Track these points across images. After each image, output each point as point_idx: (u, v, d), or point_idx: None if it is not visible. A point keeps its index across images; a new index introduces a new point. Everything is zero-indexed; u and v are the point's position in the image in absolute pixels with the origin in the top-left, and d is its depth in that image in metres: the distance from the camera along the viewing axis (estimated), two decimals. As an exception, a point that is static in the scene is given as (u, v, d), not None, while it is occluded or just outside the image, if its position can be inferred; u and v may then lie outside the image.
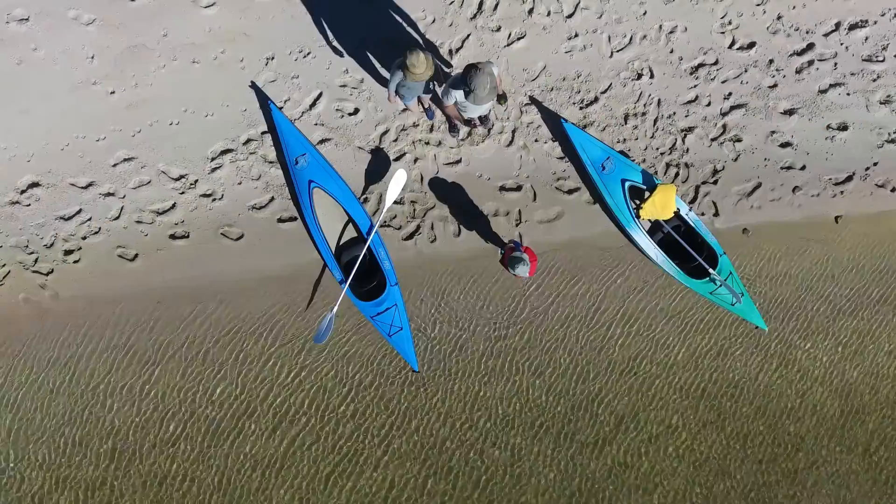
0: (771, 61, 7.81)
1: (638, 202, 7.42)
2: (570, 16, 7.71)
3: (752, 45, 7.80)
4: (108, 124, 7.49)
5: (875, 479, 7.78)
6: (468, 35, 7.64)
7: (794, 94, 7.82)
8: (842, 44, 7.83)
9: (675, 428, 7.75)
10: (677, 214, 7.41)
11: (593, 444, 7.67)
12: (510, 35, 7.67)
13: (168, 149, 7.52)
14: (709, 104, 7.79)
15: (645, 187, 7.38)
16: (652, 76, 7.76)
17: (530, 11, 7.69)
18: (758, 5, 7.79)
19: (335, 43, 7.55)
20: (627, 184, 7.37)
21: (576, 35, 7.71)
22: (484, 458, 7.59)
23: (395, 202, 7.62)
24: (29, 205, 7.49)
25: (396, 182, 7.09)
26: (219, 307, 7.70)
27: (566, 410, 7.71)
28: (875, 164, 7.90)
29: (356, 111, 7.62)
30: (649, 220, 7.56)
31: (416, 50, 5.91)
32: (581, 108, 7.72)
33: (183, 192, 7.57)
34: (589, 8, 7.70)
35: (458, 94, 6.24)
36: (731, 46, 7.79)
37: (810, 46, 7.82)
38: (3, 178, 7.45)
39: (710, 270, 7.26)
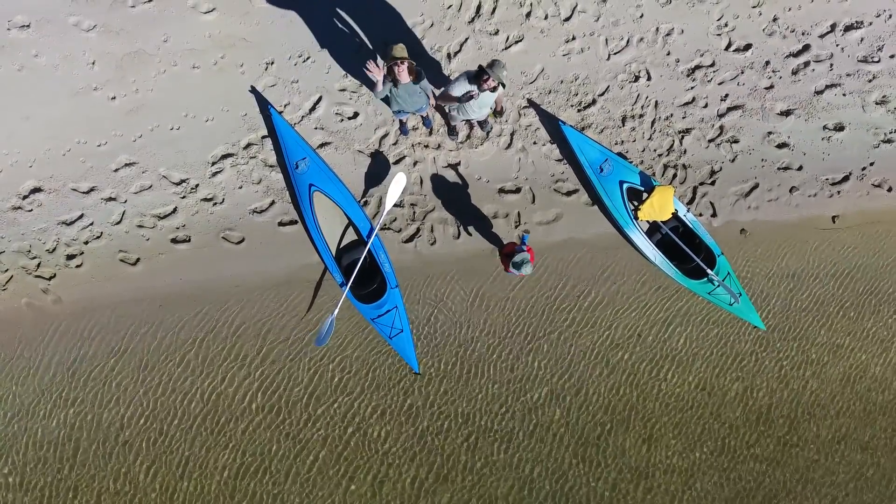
0: (767, 63, 7.86)
1: (636, 203, 7.47)
2: (567, 19, 7.76)
3: (748, 46, 7.85)
4: (110, 129, 7.53)
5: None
6: (466, 39, 7.68)
7: (791, 95, 7.87)
8: (837, 45, 7.88)
9: (665, 433, 7.82)
10: (675, 215, 7.46)
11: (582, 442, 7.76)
12: (508, 38, 7.72)
13: (169, 153, 7.56)
14: (706, 106, 7.84)
15: (643, 189, 7.42)
16: (649, 78, 7.81)
17: (528, 15, 7.74)
18: (753, 7, 7.84)
19: (334, 48, 7.61)
20: (625, 185, 7.41)
21: (573, 38, 7.76)
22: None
23: (395, 205, 7.67)
24: (31, 210, 7.53)
25: (396, 185, 7.13)
26: (220, 310, 7.74)
27: (554, 413, 7.78)
28: (871, 164, 7.95)
29: (356, 115, 7.66)
30: (647, 222, 7.61)
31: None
32: (579, 111, 7.77)
33: (184, 197, 7.61)
34: (586, 11, 7.76)
35: (462, 87, 6.23)
36: (727, 48, 7.84)
37: (806, 48, 7.87)
38: (5, 184, 7.49)
39: (708, 271, 7.31)
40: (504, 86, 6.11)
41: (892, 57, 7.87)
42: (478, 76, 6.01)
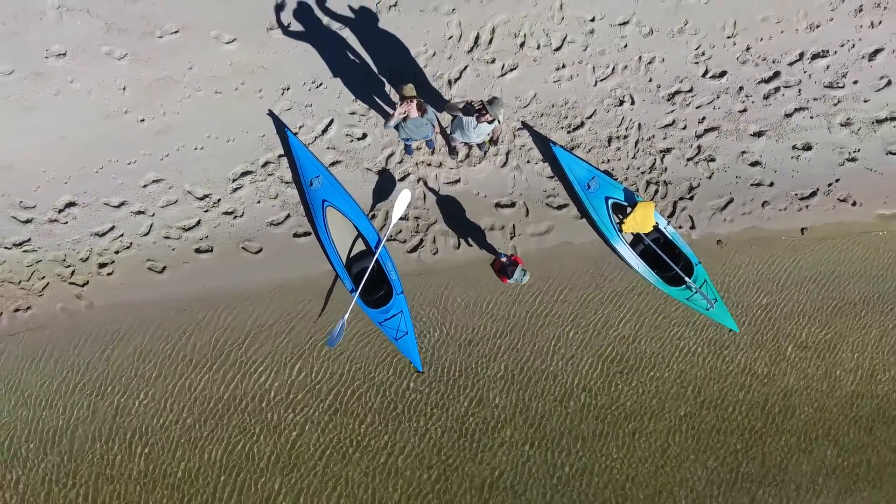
0: (741, 88, 8.49)
1: (620, 217, 8.06)
2: (557, 49, 8.40)
3: (723, 73, 8.48)
4: (139, 149, 8.11)
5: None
6: (465, 67, 8.31)
7: (763, 117, 8.50)
8: (805, 72, 8.52)
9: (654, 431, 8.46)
10: (656, 228, 8.06)
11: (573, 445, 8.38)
12: (504, 66, 8.35)
13: (193, 171, 8.15)
14: (685, 127, 8.47)
15: (627, 204, 8.04)
16: (633, 103, 8.43)
17: (522, 45, 8.37)
18: (728, 38, 8.48)
19: (345, 75, 8.23)
20: (611, 201, 8.03)
21: (563, 66, 8.39)
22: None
23: (401, 218, 8.30)
24: (66, 222, 8.11)
25: (402, 200, 7.72)
26: (239, 315, 8.32)
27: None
28: (837, 180, 8.58)
29: (364, 136, 8.28)
30: (631, 234, 8.21)
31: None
32: (568, 132, 8.40)
33: (207, 210, 8.21)
34: (575, 41, 8.39)
35: (461, 120, 6.93)
36: (704, 75, 8.48)
37: (776, 75, 8.51)
38: (42, 198, 8.08)
39: (686, 279, 7.93)
40: (500, 122, 6.77)
41: (855, 83, 8.50)
42: (477, 110, 6.70)
